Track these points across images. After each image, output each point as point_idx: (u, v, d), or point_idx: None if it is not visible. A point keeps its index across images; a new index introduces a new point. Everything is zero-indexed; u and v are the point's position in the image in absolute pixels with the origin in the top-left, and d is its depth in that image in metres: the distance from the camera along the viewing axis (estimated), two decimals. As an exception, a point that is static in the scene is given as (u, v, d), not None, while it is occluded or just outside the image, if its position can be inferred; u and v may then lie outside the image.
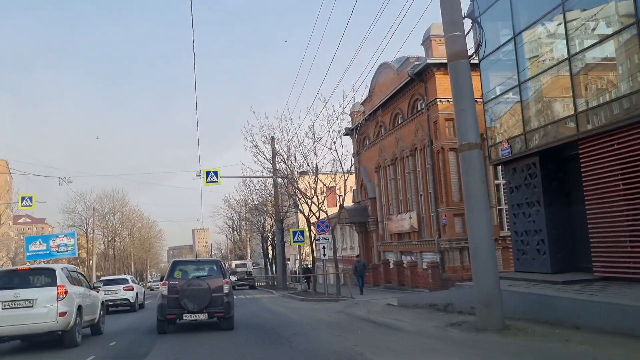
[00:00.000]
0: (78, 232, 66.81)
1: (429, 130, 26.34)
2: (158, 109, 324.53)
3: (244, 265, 49.21)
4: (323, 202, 26.22)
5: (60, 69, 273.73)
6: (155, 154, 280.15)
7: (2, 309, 10.39)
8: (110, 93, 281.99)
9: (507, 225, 25.30)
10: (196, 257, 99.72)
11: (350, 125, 37.39)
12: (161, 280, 14.26)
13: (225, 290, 12.77)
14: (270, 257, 44.83)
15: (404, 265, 27.79)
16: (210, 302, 12.50)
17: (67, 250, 59.19)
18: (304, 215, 28.54)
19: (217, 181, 29.61)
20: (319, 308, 19.59)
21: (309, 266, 58.38)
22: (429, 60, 25.21)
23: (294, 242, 29.69)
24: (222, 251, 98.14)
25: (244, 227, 58.29)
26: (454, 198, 25.07)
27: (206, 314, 12.58)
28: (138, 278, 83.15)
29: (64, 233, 61.80)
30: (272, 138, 35.44)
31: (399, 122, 30.48)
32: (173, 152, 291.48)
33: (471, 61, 10.88)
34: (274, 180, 36.14)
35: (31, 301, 10.50)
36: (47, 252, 58.93)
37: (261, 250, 67.73)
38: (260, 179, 36.92)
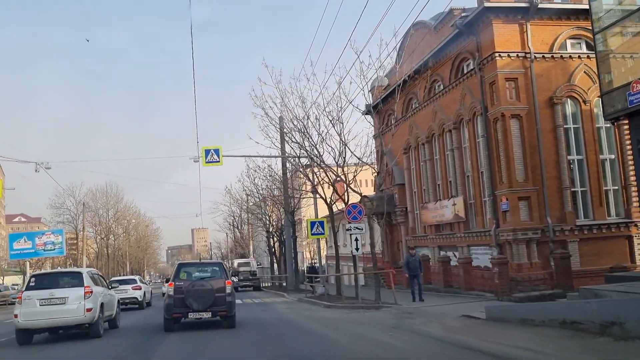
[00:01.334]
0: (67, 229, 61.08)
1: (482, 95, 20.78)
2: (154, 107, 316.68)
3: (248, 264, 43.47)
4: (352, 180, 20.72)
5: (52, 67, 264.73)
6: (153, 153, 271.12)
7: (40, 305, 11.99)
8: (100, 91, 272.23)
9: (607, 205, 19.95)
10: (199, 259, 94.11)
11: (367, 103, 32.09)
12: (167, 281, 15.81)
13: (228, 291, 13.23)
14: (278, 254, 39.19)
15: (451, 262, 22.21)
16: (214, 301, 12.96)
17: (54, 249, 53.24)
18: (325, 201, 23.02)
19: (218, 161, 24.04)
20: (360, 320, 14.03)
21: (316, 265, 52.74)
22: (486, 4, 19.66)
23: (312, 234, 24.13)
24: (222, 250, 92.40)
25: (247, 221, 52.43)
26: (517, 177, 19.52)
27: (210, 313, 13.04)
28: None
29: (51, 230, 56.01)
30: (281, 119, 30.41)
31: (437, 90, 24.94)
32: (173, 152, 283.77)
33: None
34: (282, 163, 30.66)
35: (63, 299, 12.10)
36: (33, 250, 53.03)
37: (265, 248, 62.36)
38: (268, 159, 31.28)
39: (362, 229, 18.94)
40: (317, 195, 25.03)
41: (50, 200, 70.23)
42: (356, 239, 18.71)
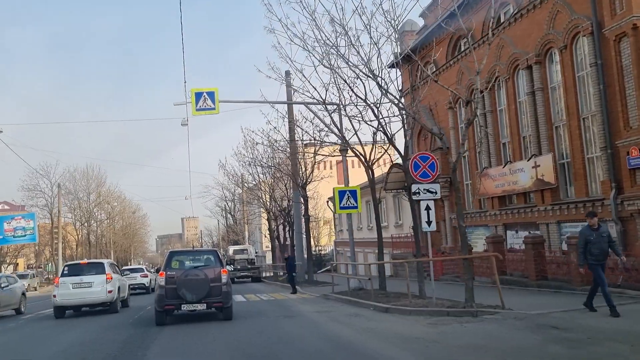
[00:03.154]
0: (43, 214, 53.75)
1: (593, 5, 14.08)
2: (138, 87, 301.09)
3: (245, 251, 36.59)
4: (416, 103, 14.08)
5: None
6: (138, 136, 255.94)
7: (72, 288, 15.12)
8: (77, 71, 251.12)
9: None
10: (192, 247, 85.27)
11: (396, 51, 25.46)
12: (157, 271, 16.86)
13: (224, 280, 12.03)
14: (282, 240, 32.32)
15: (547, 245, 15.53)
16: (209, 292, 11.78)
17: (25, 235, 45.78)
18: (363, 159, 16.26)
19: (213, 108, 17.16)
20: (490, 346, 7.33)
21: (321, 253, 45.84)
22: None
23: (340, 209, 17.39)
24: (214, 238, 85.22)
25: (243, 201, 45.22)
26: (657, 118, 12.94)
27: (205, 304, 11.84)
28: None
29: (22, 214, 48.55)
30: (287, 73, 24.50)
31: (506, 17, 18.25)
32: (159, 136, 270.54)
33: None
34: (289, 111, 24.10)
35: (90, 283, 15.18)
36: (1, 237, 45.81)
37: (263, 233, 55.82)
38: (275, 119, 24.55)
39: (435, 193, 12.21)
40: (348, 153, 18.21)
41: (21, 181, 62.72)
42: (427, 208, 11.96)
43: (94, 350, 8.85)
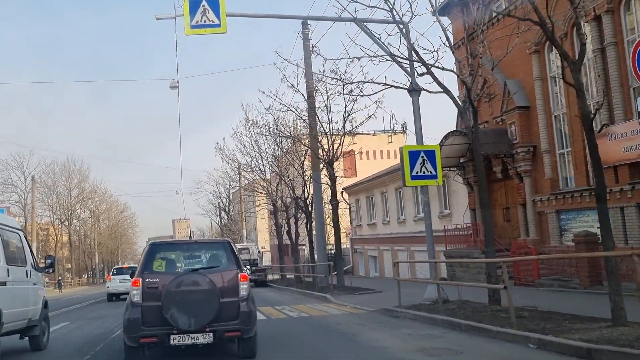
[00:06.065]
0: (16, 211, 47.05)
1: None
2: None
3: (246, 250, 30.36)
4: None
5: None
6: (124, 132, 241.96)
7: (119, 282, 22.46)
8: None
9: None
10: (190, 237, 56.09)
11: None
12: (132, 276, 7.67)
13: (242, 292, 6.78)
14: (293, 235, 26.05)
15: None
16: (218, 312, 6.48)
17: (-9, 234, 39.53)
18: (465, 89, 10.19)
19: (218, 25, 10.94)
20: None
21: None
22: None
23: (412, 179, 11.22)
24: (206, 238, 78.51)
25: (240, 190, 38.82)
26: None
27: (210, 334, 6.47)
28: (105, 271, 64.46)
29: (-11, 210, 42.00)
30: (304, 23, 19.14)
31: None
32: (146, 133, 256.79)
33: None
34: (306, 65, 18.36)
35: (130, 279, 19.63)
36: (-36, 236, 39.26)
37: (255, 233, 49.93)
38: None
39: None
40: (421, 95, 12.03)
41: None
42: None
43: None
